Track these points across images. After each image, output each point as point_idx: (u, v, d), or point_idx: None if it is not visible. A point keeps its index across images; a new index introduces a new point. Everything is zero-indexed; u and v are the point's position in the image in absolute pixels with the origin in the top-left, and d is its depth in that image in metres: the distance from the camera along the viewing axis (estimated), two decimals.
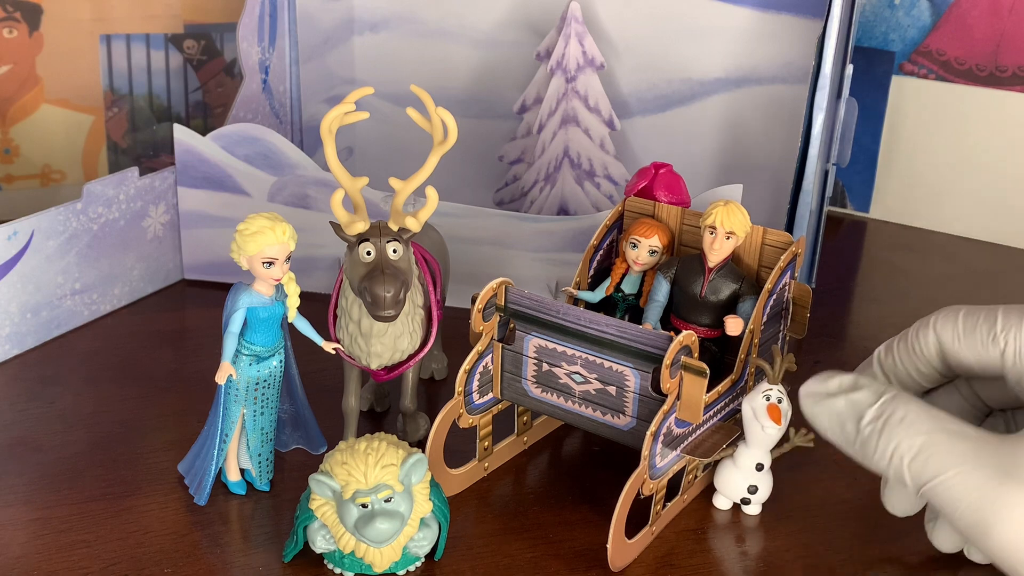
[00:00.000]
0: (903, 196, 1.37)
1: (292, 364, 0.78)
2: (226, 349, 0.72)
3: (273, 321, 0.74)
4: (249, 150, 1.05)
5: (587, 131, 1.16)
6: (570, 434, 0.87)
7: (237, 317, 0.72)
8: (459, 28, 1.22)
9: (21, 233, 0.92)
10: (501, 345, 0.78)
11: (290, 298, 0.74)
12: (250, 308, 0.73)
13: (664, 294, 0.81)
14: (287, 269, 0.72)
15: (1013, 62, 1.27)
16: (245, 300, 0.72)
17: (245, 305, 0.72)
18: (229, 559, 0.71)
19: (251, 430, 0.76)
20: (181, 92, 1.27)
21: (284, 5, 1.14)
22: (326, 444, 0.82)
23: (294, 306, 0.74)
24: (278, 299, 0.74)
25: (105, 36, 1.22)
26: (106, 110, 1.24)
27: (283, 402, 0.79)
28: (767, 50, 1.14)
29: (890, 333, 1.03)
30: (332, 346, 0.77)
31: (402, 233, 0.73)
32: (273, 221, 0.71)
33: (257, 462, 0.77)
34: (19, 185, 1.23)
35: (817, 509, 0.78)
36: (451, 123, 0.74)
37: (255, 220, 0.71)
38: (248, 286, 0.73)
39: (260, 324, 0.73)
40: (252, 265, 0.71)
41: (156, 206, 1.05)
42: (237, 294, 0.73)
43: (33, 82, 1.20)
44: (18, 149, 1.22)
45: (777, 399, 0.73)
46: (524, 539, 0.74)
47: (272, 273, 0.71)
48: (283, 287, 0.74)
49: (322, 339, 0.76)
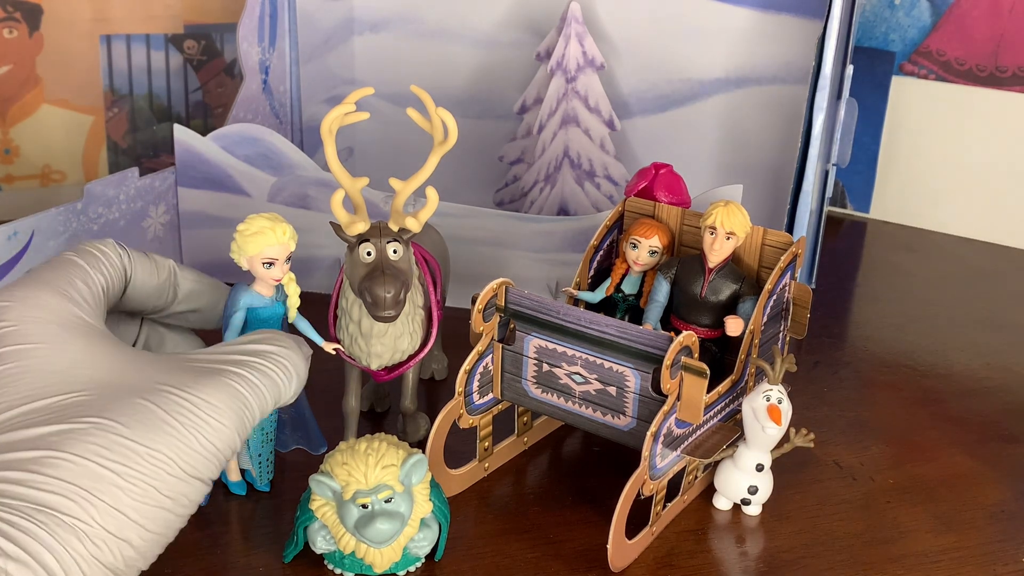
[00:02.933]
0: (903, 196, 1.37)
1: None
2: None
3: (273, 322, 0.74)
4: (249, 150, 1.05)
5: (587, 131, 1.16)
6: (570, 434, 0.87)
7: (237, 318, 0.72)
8: (459, 28, 1.22)
9: (21, 233, 0.92)
10: (501, 345, 0.78)
11: (290, 298, 0.74)
12: (250, 308, 0.73)
13: (664, 294, 0.81)
14: (287, 269, 0.72)
15: (1013, 62, 1.27)
16: (245, 300, 0.72)
17: (245, 306, 0.72)
18: (229, 559, 0.71)
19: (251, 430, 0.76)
20: (181, 92, 1.27)
21: (284, 5, 1.14)
22: (326, 445, 0.82)
23: (294, 306, 0.74)
24: (278, 299, 0.74)
25: (105, 36, 1.22)
26: (106, 110, 1.24)
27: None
28: (767, 50, 1.14)
29: (890, 333, 1.04)
30: (332, 346, 0.77)
31: (402, 233, 0.73)
32: (273, 221, 0.71)
33: (257, 462, 0.77)
34: (19, 185, 1.23)
35: (817, 509, 0.78)
36: (451, 123, 0.74)
37: (255, 220, 0.71)
38: (248, 286, 0.73)
39: (260, 324, 0.73)
40: (252, 266, 0.71)
41: (156, 206, 1.05)
42: (237, 294, 0.73)
43: (33, 82, 1.20)
44: (18, 149, 1.22)
45: (777, 399, 0.73)
46: (524, 539, 0.74)
47: (272, 274, 0.71)
48: (283, 287, 0.74)
49: (322, 339, 0.76)
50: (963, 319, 1.12)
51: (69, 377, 0.59)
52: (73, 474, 0.54)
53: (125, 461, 0.56)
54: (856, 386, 0.97)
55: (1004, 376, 0.99)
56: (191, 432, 0.58)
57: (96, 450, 0.55)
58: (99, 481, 0.55)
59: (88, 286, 0.66)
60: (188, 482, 0.58)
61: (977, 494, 0.81)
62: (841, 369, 1.00)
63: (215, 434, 0.59)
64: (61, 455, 0.55)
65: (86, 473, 0.55)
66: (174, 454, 0.57)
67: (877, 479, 0.82)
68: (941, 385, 0.97)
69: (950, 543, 0.75)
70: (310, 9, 1.16)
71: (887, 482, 0.82)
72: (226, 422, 0.59)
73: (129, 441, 0.56)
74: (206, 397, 0.59)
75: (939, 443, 0.88)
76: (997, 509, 0.79)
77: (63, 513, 0.53)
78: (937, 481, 0.82)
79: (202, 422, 0.58)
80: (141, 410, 0.57)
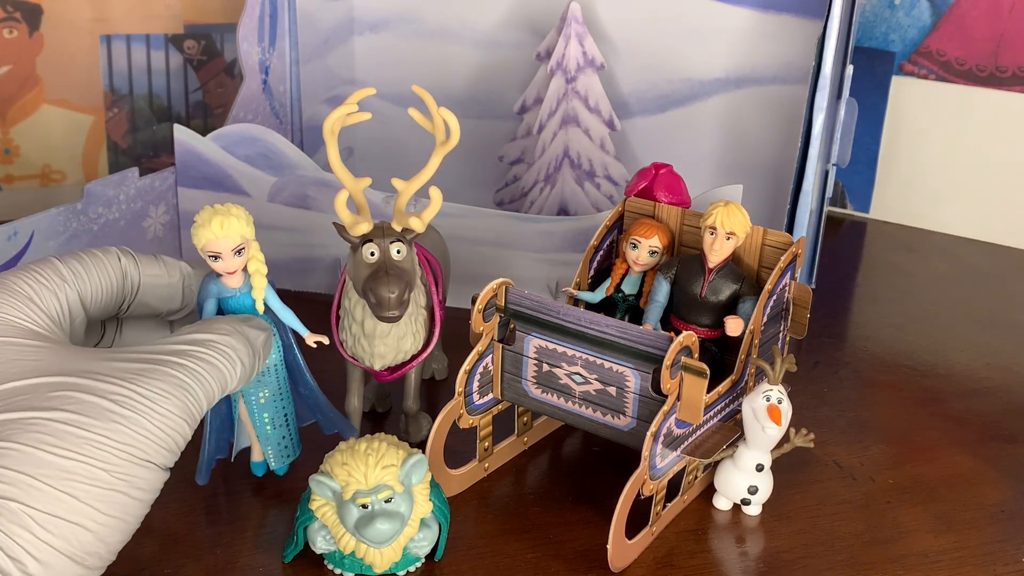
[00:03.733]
0: (903, 196, 1.37)
1: (296, 355, 0.77)
2: None
3: (244, 312, 0.73)
4: (249, 150, 1.05)
5: (587, 131, 1.16)
6: (570, 434, 0.87)
7: (206, 307, 0.72)
8: (459, 28, 1.22)
9: (21, 233, 0.92)
10: (501, 346, 0.78)
11: (255, 290, 0.72)
12: (221, 299, 0.72)
13: (664, 295, 0.81)
14: (240, 263, 0.71)
15: (1013, 62, 1.27)
16: (213, 290, 0.72)
17: (213, 295, 0.72)
18: (229, 559, 0.71)
19: (254, 417, 0.76)
20: (181, 92, 1.27)
21: (284, 5, 1.14)
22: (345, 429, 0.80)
23: (259, 298, 0.72)
24: (244, 291, 0.72)
25: (105, 36, 1.22)
26: (106, 110, 1.24)
27: (296, 391, 0.78)
28: (767, 50, 1.14)
29: (890, 333, 1.04)
30: (314, 339, 0.75)
31: (406, 234, 0.73)
32: (215, 214, 0.69)
33: (266, 446, 0.77)
34: (19, 185, 1.23)
35: (817, 509, 0.78)
36: (453, 123, 0.74)
37: (203, 212, 0.70)
38: (217, 277, 0.72)
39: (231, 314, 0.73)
40: (204, 257, 0.71)
41: (156, 206, 1.05)
42: (206, 284, 0.72)
43: (33, 82, 1.20)
44: (18, 149, 1.22)
45: (777, 400, 0.73)
46: (524, 539, 0.74)
47: (218, 267, 0.70)
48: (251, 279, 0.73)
49: (307, 330, 0.75)
50: (963, 319, 1.12)
51: (8, 369, 0.60)
52: (17, 462, 0.55)
53: (71, 447, 0.56)
54: (856, 386, 0.97)
55: (1004, 376, 1.00)
56: (136, 417, 0.58)
57: (40, 438, 0.56)
58: (44, 467, 0.55)
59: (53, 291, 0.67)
60: (139, 464, 0.58)
61: (977, 494, 0.81)
62: (841, 369, 1.00)
63: (161, 419, 0.59)
64: (3, 444, 0.55)
65: (30, 460, 0.55)
66: (120, 438, 0.58)
67: (877, 479, 0.82)
68: (941, 385, 0.97)
69: (950, 543, 0.75)
70: (310, 9, 1.16)
71: (887, 482, 0.82)
72: (171, 408, 0.60)
73: (74, 428, 0.57)
74: (148, 386, 0.60)
75: (939, 443, 0.88)
76: (997, 509, 0.79)
77: (7, 499, 0.54)
78: (937, 481, 0.82)
79: (147, 409, 0.59)
80: (84, 400, 0.58)
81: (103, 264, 0.70)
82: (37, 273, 0.66)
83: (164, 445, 0.60)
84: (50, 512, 0.54)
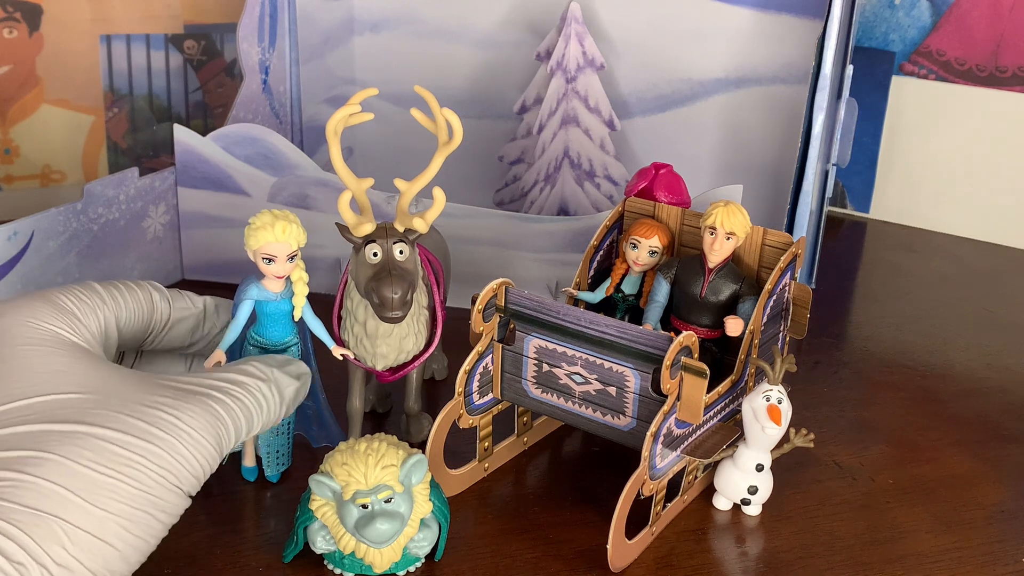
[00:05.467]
0: (903, 196, 1.37)
1: (313, 365, 0.78)
2: (225, 337, 0.73)
3: (279, 317, 0.74)
4: (249, 150, 1.05)
5: (587, 131, 1.16)
6: (570, 435, 0.87)
7: (242, 308, 0.73)
8: (459, 28, 1.22)
9: (21, 233, 0.92)
10: (501, 346, 0.78)
11: (296, 296, 0.74)
12: (257, 301, 0.73)
13: (664, 295, 0.81)
14: (291, 268, 0.72)
15: (1013, 62, 1.27)
16: (253, 293, 0.73)
17: (252, 298, 0.73)
18: (229, 559, 0.71)
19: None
20: (181, 92, 1.27)
21: (284, 5, 1.14)
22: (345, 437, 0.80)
23: (300, 305, 0.74)
24: (284, 296, 0.74)
25: (105, 36, 1.22)
26: (106, 110, 1.24)
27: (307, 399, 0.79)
28: (767, 50, 1.14)
29: (890, 333, 1.04)
30: (340, 351, 0.77)
31: (408, 234, 0.73)
32: (276, 219, 0.71)
33: (265, 452, 0.77)
34: (19, 185, 1.23)
35: (817, 509, 0.78)
36: (456, 124, 0.74)
37: (262, 215, 0.71)
38: (259, 280, 0.73)
39: (265, 318, 0.74)
40: (256, 260, 0.72)
41: (156, 206, 1.05)
42: (246, 286, 0.73)
43: (33, 82, 1.20)
44: (18, 149, 1.22)
45: (777, 400, 0.73)
46: (524, 540, 0.74)
47: (271, 269, 0.72)
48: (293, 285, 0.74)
49: (333, 342, 0.77)
50: (963, 319, 1.12)
51: (55, 379, 0.60)
52: (56, 474, 0.55)
53: (108, 463, 0.56)
54: (856, 386, 0.97)
55: (1004, 376, 1.00)
56: (174, 442, 0.59)
57: (80, 452, 0.56)
58: (81, 480, 0.55)
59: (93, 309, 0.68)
60: (170, 489, 0.59)
61: (977, 494, 0.81)
62: (841, 369, 1.00)
63: (196, 447, 0.61)
64: (43, 455, 0.55)
65: (68, 472, 0.55)
66: (157, 461, 0.58)
67: (877, 479, 0.82)
68: (941, 385, 0.97)
69: (950, 543, 0.75)
70: (310, 9, 1.16)
71: (887, 482, 0.82)
72: (207, 438, 0.61)
73: (113, 445, 0.57)
74: (188, 413, 0.61)
75: (939, 443, 0.88)
76: (997, 509, 0.79)
77: (43, 512, 0.54)
78: (937, 481, 0.82)
79: (184, 436, 0.60)
80: (125, 418, 0.59)
81: (136, 293, 0.72)
82: (79, 291, 0.68)
83: (194, 473, 0.61)
84: (82, 527, 0.55)
